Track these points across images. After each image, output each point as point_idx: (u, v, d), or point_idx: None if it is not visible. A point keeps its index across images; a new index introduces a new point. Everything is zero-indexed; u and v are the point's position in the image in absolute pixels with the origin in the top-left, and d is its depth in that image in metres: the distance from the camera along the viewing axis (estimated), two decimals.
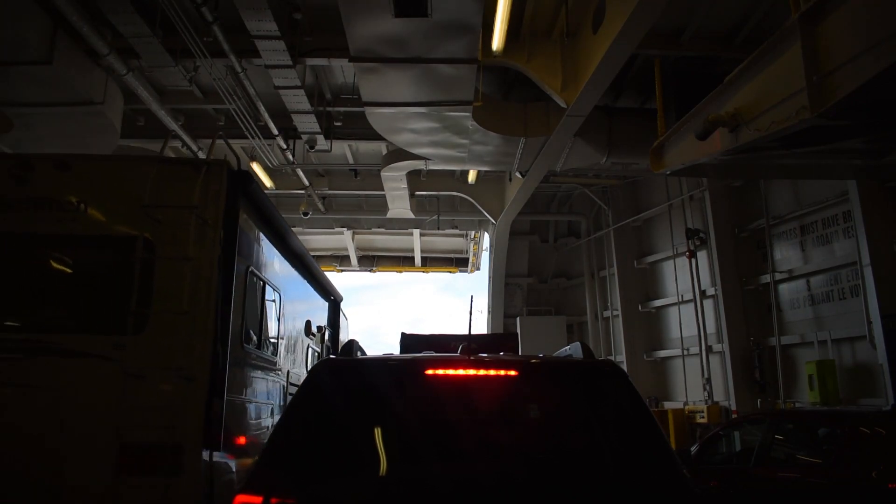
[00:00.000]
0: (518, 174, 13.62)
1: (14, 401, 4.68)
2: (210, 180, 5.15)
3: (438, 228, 18.80)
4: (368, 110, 10.35)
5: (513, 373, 3.49)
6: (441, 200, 18.14)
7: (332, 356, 3.78)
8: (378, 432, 3.28)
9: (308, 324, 8.62)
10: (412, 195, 16.42)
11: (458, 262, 23.53)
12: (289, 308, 7.58)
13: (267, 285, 6.53)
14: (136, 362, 4.79)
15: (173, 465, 4.56)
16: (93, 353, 4.81)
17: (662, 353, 16.09)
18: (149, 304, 4.89)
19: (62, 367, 4.78)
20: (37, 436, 4.62)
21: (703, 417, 13.25)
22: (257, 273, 6.11)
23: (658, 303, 16.26)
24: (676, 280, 15.32)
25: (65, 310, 5.19)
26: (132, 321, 4.81)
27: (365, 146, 14.74)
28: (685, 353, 14.99)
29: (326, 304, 10.24)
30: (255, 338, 6.21)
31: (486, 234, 19.84)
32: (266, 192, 16.14)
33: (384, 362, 3.84)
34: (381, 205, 17.31)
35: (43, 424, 4.64)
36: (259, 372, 6.33)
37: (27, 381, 4.74)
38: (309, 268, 8.70)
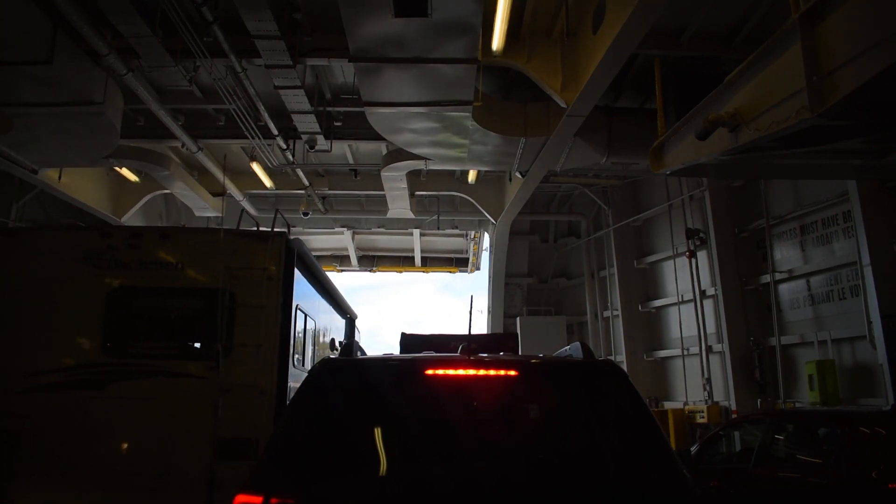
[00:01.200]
0: (518, 174, 13.62)
1: (143, 409, 6.33)
2: (273, 247, 6.88)
3: (438, 228, 18.79)
4: (368, 110, 10.34)
5: (513, 373, 3.49)
6: (441, 200, 18.13)
7: (331, 356, 3.83)
8: (378, 432, 3.28)
9: (332, 341, 10.30)
10: (412, 195, 16.41)
11: (458, 262, 23.51)
12: (320, 330, 9.41)
13: (308, 316, 8.27)
14: (225, 380, 6.38)
15: (253, 453, 6.00)
16: (194, 374, 6.50)
17: (662, 353, 16.08)
18: (232, 337, 6.53)
19: (173, 384, 6.47)
20: (159, 432, 6.27)
21: (703, 417, 13.24)
22: (302, 308, 7.83)
23: (658, 303, 16.25)
24: (676, 280, 15.31)
25: (172, 343, 6.89)
26: (221, 350, 6.43)
27: (365, 146, 14.73)
28: (685, 353, 14.99)
29: (344, 321, 11.90)
30: (300, 358, 7.92)
31: (486, 234, 19.83)
32: (266, 191, 16.38)
33: (384, 362, 3.84)
34: (381, 205, 17.30)
35: (163, 424, 6.29)
36: None
37: (151, 395, 6.39)
38: (333, 295, 10.48)
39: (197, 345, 6.83)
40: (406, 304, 57.87)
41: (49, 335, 6.51)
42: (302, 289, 7.73)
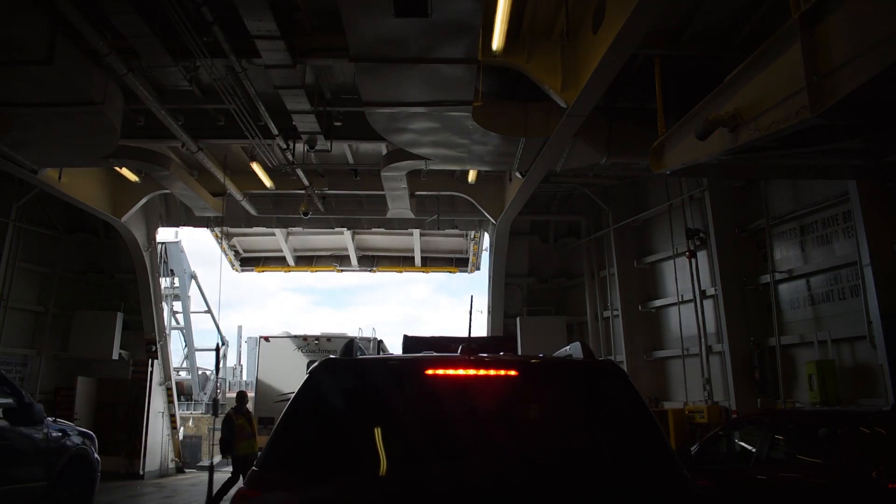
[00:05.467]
0: (518, 174, 13.61)
1: None
2: (375, 345, 17.26)
3: (438, 228, 18.77)
4: (368, 110, 10.33)
5: (513, 373, 3.49)
6: (441, 200, 18.12)
7: (332, 356, 3.83)
8: (378, 432, 3.28)
9: None
10: (412, 195, 16.40)
11: (458, 262, 23.48)
12: None
13: None
14: None
15: None
16: None
17: (662, 353, 16.08)
18: None
19: None
20: None
21: (703, 417, 13.23)
22: None
23: (658, 303, 16.25)
24: (676, 280, 15.30)
25: None
26: None
27: (365, 146, 14.72)
28: (685, 353, 14.98)
29: None
30: None
31: (486, 234, 19.82)
32: (266, 191, 16.54)
33: (384, 362, 3.85)
34: (381, 205, 17.30)
35: None
36: None
37: None
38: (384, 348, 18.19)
39: None
40: (405, 304, 57.98)
41: (284, 381, 14.74)
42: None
